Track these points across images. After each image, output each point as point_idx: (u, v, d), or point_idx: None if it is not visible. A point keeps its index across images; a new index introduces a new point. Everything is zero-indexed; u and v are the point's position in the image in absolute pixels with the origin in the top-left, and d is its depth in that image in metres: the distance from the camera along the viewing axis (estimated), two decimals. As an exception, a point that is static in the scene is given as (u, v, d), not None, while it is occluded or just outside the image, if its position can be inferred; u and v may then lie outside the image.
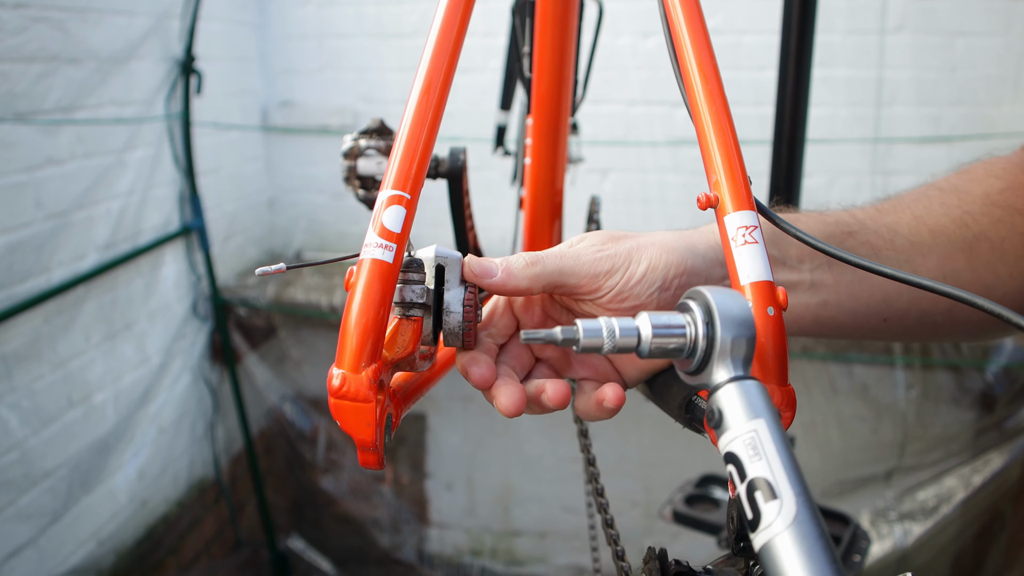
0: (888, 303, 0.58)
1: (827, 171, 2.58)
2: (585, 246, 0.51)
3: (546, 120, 0.90)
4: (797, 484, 0.30)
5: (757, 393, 0.33)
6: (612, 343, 0.37)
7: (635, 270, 0.49)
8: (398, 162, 0.44)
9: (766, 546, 0.29)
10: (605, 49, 2.43)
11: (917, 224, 0.60)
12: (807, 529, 0.29)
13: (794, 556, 0.28)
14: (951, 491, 2.33)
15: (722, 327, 0.34)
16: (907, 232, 0.59)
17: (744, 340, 0.34)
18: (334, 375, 0.38)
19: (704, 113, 0.46)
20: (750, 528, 0.30)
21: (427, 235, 2.65)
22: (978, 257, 0.60)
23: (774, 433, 0.31)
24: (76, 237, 2.05)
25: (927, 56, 2.44)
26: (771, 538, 0.29)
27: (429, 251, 0.47)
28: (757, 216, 0.43)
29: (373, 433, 0.38)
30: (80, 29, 1.99)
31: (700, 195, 0.44)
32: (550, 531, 3.25)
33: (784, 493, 0.30)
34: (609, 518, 0.56)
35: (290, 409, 2.97)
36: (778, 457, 0.31)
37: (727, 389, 0.34)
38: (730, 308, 0.35)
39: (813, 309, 0.56)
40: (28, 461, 1.91)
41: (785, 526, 0.29)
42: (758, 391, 0.33)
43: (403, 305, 0.45)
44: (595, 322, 0.37)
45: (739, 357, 0.35)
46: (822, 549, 0.28)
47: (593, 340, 0.37)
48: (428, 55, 0.49)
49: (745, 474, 0.31)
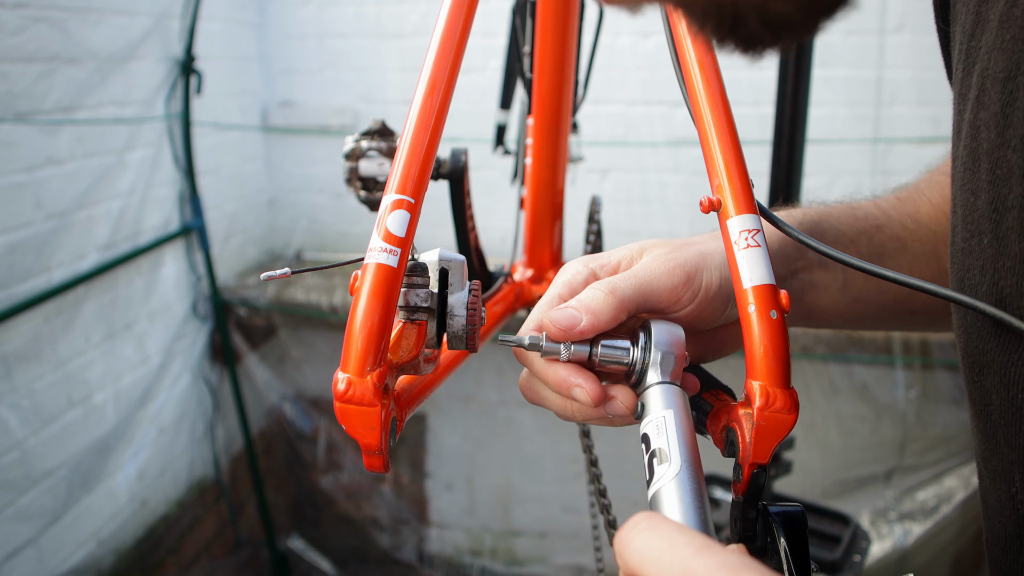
0: (914, 295, 0.57)
1: (827, 171, 2.58)
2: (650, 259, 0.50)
3: (547, 120, 0.90)
4: (685, 453, 0.39)
5: (672, 393, 0.43)
6: (568, 353, 0.46)
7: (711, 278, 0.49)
8: (402, 166, 0.44)
9: (655, 495, 0.38)
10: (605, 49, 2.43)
11: (935, 212, 0.60)
12: (685, 483, 0.38)
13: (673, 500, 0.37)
14: (951, 491, 2.33)
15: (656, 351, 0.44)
16: (928, 221, 0.59)
17: (672, 358, 0.44)
18: (339, 379, 0.38)
19: (706, 117, 0.46)
20: (647, 486, 0.39)
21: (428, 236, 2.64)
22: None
23: (679, 419, 0.41)
24: (76, 237, 2.04)
25: (927, 56, 2.44)
26: (658, 488, 0.38)
27: (433, 255, 0.47)
28: (759, 219, 0.43)
29: (378, 437, 0.38)
30: (80, 29, 1.99)
31: (703, 198, 0.44)
32: (550, 531, 3.25)
33: (673, 458, 0.39)
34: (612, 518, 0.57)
35: (290, 409, 2.97)
36: (675, 435, 0.40)
37: (652, 389, 0.44)
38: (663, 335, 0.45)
39: (843, 307, 0.56)
40: (28, 461, 1.91)
41: (669, 480, 0.38)
42: (673, 392, 0.43)
43: (407, 309, 0.45)
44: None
45: (667, 370, 0.44)
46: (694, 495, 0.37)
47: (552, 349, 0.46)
48: (431, 58, 0.49)
49: (650, 446, 0.40)
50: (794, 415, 0.39)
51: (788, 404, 0.39)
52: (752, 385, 0.40)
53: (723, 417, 0.43)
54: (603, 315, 0.46)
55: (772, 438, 0.39)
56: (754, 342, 0.40)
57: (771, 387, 0.39)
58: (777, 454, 1.52)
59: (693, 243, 0.51)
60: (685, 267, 0.48)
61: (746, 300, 0.41)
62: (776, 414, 0.39)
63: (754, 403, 0.39)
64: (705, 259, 0.49)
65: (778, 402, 0.39)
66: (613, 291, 0.46)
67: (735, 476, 0.41)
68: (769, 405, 0.39)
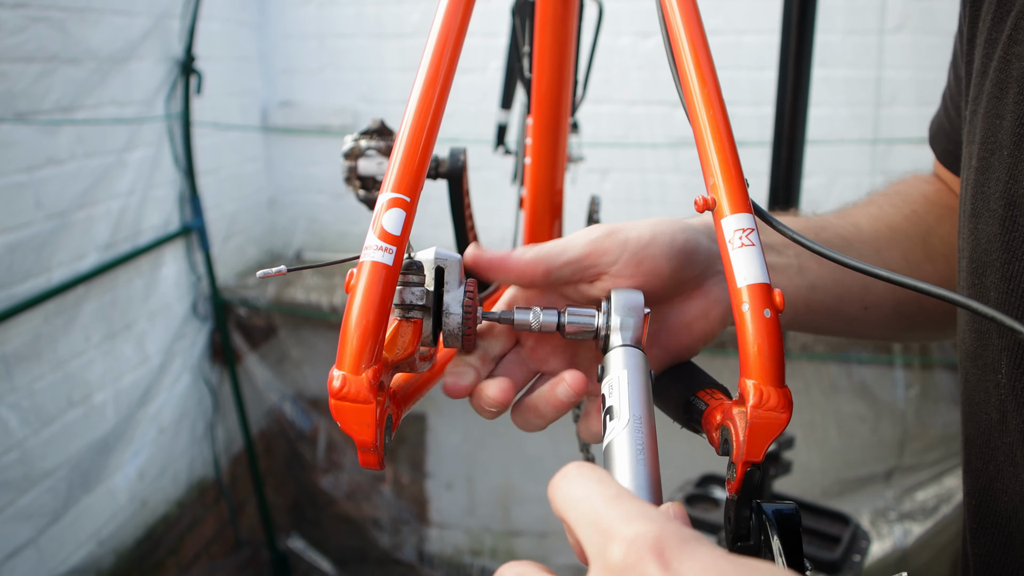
0: (867, 290, 0.61)
1: (827, 171, 2.58)
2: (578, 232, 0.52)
3: (546, 119, 0.90)
4: (636, 408, 0.41)
5: (629, 355, 0.45)
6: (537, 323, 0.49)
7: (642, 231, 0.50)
8: (398, 164, 0.44)
9: (606, 449, 0.40)
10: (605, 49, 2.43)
11: (875, 222, 0.64)
12: (632, 436, 0.39)
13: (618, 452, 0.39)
14: (951, 491, 2.33)
15: (616, 316, 0.47)
16: (869, 229, 0.63)
17: (632, 323, 0.47)
18: (334, 377, 0.38)
19: (701, 116, 0.46)
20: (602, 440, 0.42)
21: (427, 235, 2.65)
22: (933, 250, 0.64)
23: (632, 378, 0.43)
24: (76, 237, 2.05)
25: (927, 56, 2.44)
26: (608, 442, 0.40)
27: (429, 253, 0.47)
28: (754, 219, 0.43)
29: (373, 434, 0.38)
30: (79, 29, 1.99)
31: (697, 198, 0.44)
32: (550, 531, 3.25)
33: (621, 414, 0.41)
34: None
35: (290, 409, 2.98)
36: (627, 392, 0.42)
37: (614, 352, 0.46)
38: (625, 301, 0.47)
39: (804, 293, 0.58)
40: (28, 461, 1.92)
41: (617, 433, 0.40)
42: (632, 354, 0.45)
43: (403, 307, 0.45)
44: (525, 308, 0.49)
45: (627, 334, 0.47)
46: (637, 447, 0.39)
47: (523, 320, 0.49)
48: (428, 56, 0.49)
49: (605, 403, 0.43)
50: (787, 414, 0.39)
51: (782, 403, 0.39)
52: (746, 383, 0.40)
53: (717, 415, 0.43)
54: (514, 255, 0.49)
55: (766, 436, 0.39)
56: (748, 341, 0.40)
57: (765, 385, 0.39)
58: (777, 454, 1.52)
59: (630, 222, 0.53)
60: (608, 226, 0.50)
61: (740, 299, 0.41)
62: (769, 412, 0.39)
63: (748, 401, 0.39)
64: (636, 221, 0.51)
65: (771, 400, 0.39)
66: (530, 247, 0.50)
67: (729, 474, 0.41)
68: (763, 403, 0.39)
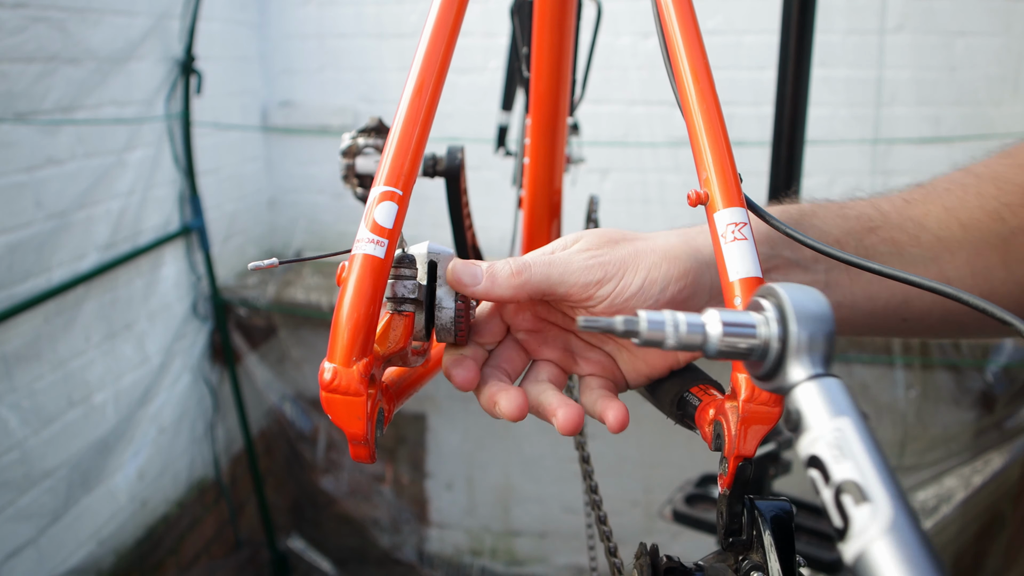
0: (907, 304, 0.54)
1: (827, 171, 2.58)
2: (577, 249, 0.49)
3: (544, 120, 0.90)
4: (891, 486, 0.27)
5: (840, 390, 0.31)
6: (676, 338, 0.35)
7: (630, 281, 0.47)
8: (390, 158, 0.44)
9: (861, 556, 0.26)
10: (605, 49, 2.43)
11: (947, 217, 0.55)
12: (906, 535, 0.26)
13: (894, 566, 0.25)
14: (951, 491, 2.33)
15: (798, 325, 0.32)
16: (935, 227, 0.55)
17: (823, 336, 0.32)
18: (325, 369, 0.38)
19: (695, 111, 0.46)
20: (839, 537, 0.27)
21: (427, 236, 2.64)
22: (1014, 252, 0.55)
23: (861, 431, 0.29)
24: (76, 237, 2.05)
25: (927, 56, 2.44)
26: (865, 546, 0.26)
27: (422, 247, 0.47)
28: (747, 213, 0.43)
29: (364, 427, 0.38)
30: (80, 29, 2.00)
31: (690, 192, 0.44)
32: (550, 531, 3.25)
33: (877, 496, 0.27)
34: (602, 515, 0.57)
35: (290, 409, 2.98)
36: (867, 456, 0.28)
37: (805, 387, 0.31)
38: (806, 305, 0.33)
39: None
40: (28, 461, 1.92)
41: (880, 532, 0.26)
42: (840, 388, 0.31)
43: (395, 300, 0.45)
44: (659, 314, 0.35)
45: (817, 354, 0.32)
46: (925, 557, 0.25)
47: (656, 333, 0.34)
48: (421, 52, 0.49)
49: (830, 477, 0.28)
50: (779, 408, 0.39)
51: (773, 397, 0.39)
52: (738, 378, 0.40)
53: (710, 411, 0.43)
54: (500, 287, 0.46)
55: (757, 431, 0.39)
56: (740, 335, 0.40)
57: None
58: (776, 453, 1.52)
59: (636, 239, 0.50)
60: (606, 267, 0.47)
61: (732, 293, 0.41)
62: (761, 406, 0.39)
63: (739, 396, 0.39)
64: (637, 258, 0.47)
65: (763, 395, 0.39)
66: (521, 271, 0.46)
67: (721, 469, 0.41)
68: (754, 398, 0.39)
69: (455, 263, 0.46)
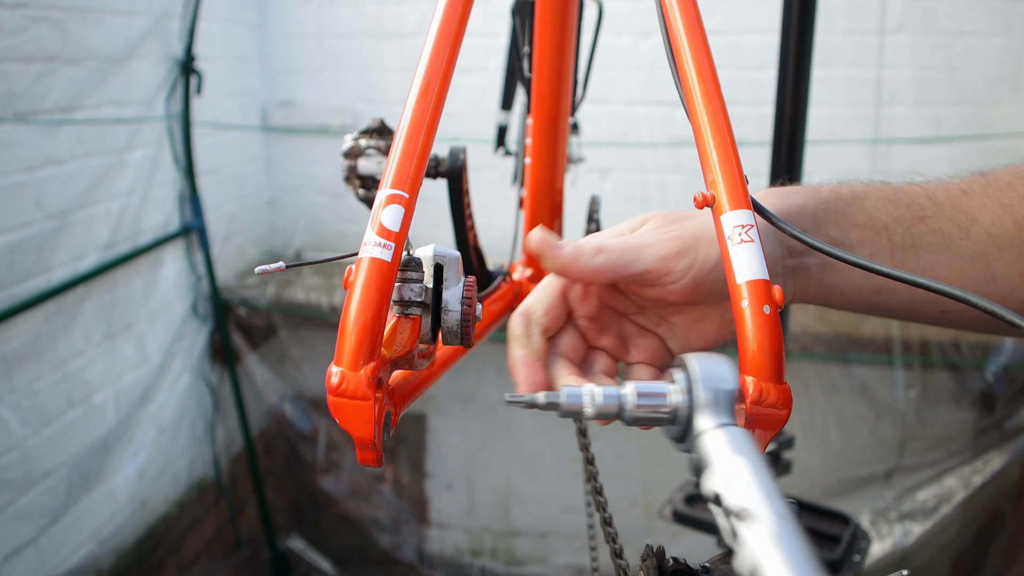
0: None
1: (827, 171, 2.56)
2: (649, 228, 0.49)
3: (546, 120, 0.90)
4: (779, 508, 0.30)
5: (741, 436, 0.35)
6: (595, 408, 0.39)
7: (709, 252, 0.47)
8: (397, 161, 0.44)
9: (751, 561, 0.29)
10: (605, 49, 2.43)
11: (1002, 213, 0.54)
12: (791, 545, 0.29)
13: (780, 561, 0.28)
14: (951, 491, 2.33)
15: (705, 389, 0.37)
16: (988, 222, 0.53)
17: (725, 396, 0.37)
18: (333, 373, 0.38)
19: (701, 113, 0.46)
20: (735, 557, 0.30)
21: (427, 236, 2.65)
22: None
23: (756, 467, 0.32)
24: (76, 237, 2.05)
25: (927, 56, 2.44)
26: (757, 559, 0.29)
27: (428, 250, 0.47)
28: (754, 215, 0.43)
29: (372, 431, 0.38)
30: (79, 29, 1.99)
31: (696, 194, 0.44)
32: (550, 531, 3.25)
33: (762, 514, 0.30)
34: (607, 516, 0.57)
35: (290, 409, 2.98)
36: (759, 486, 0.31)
37: (711, 434, 0.35)
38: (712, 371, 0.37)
39: (867, 295, 0.53)
40: (28, 461, 1.91)
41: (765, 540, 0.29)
42: (741, 435, 0.35)
43: (401, 303, 0.45)
44: (577, 388, 0.40)
45: (721, 409, 0.37)
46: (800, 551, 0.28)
47: (574, 405, 0.39)
48: (427, 53, 0.49)
49: (727, 507, 0.31)
50: (787, 410, 0.39)
51: (781, 399, 0.39)
52: (746, 380, 0.40)
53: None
54: (584, 262, 0.46)
55: (765, 434, 0.39)
56: (747, 337, 0.40)
57: (764, 382, 0.39)
58: (777, 453, 1.52)
59: (695, 216, 0.51)
60: (681, 239, 0.48)
61: (739, 295, 0.41)
62: (769, 409, 0.39)
63: (747, 398, 0.39)
64: (706, 231, 0.48)
65: (771, 397, 0.39)
66: (600, 251, 0.46)
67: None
68: (762, 400, 0.39)
69: (538, 231, 0.46)
